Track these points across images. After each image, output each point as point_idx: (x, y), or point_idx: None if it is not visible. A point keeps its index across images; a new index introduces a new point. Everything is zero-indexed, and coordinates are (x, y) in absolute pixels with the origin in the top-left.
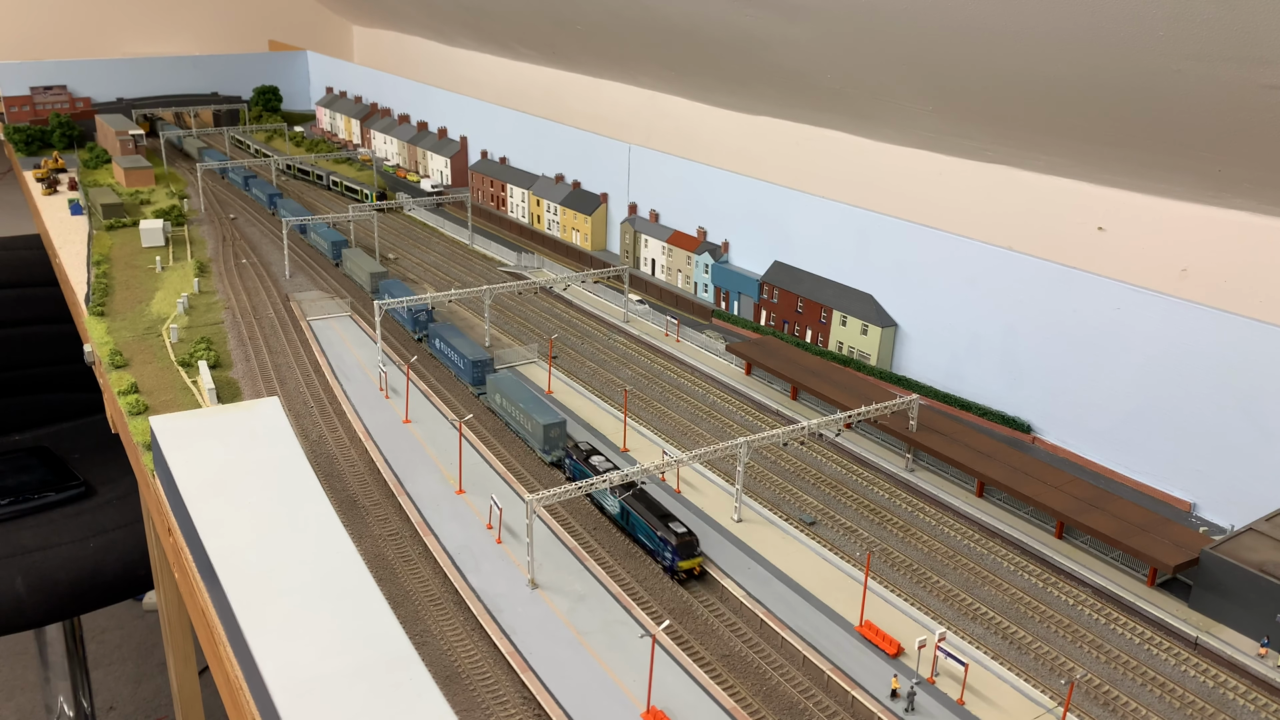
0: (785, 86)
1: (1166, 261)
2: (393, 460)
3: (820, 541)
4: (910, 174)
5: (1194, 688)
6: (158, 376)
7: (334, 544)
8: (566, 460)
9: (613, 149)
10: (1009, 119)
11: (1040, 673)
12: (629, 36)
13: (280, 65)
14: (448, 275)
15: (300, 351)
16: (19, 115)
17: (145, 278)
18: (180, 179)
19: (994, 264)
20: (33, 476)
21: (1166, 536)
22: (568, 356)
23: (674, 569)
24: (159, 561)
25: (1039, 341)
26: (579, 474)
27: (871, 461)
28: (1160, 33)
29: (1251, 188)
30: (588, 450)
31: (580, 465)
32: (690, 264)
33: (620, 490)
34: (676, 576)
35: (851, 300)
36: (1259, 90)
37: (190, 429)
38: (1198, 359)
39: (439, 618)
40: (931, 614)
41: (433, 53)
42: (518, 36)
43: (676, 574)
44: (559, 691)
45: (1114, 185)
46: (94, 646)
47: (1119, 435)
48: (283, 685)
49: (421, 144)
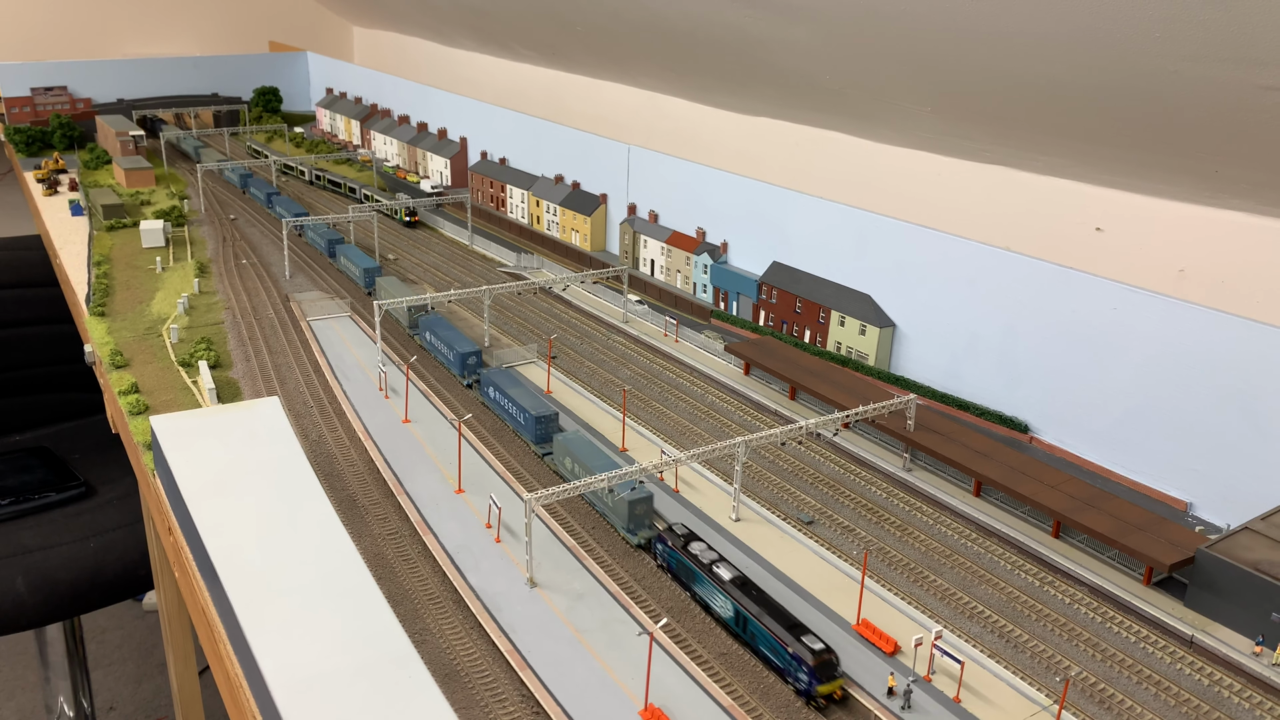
0: (784, 87)
1: (1164, 262)
2: (392, 460)
3: (818, 540)
4: (909, 174)
5: (1189, 686)
6: (158, 376)
7: (334, 543)
8: (658, 546)
9: (612, 150)
10: (1007, 120)
11: (1036, 671)
12: (629, 37)
13: (280, 66)
14: (448, 276)
15: (300, 351)
16: (20, 116)
17: (146, 278)
18: (180, 180)
19: (992, 264)
20: (33, 476)
21: (1163, 536)
22: (567, 356)
23: (810, 693)
24: (159, 561)
25: (1037, 342)
26: (677, 565)
27: (869, 461)
28: (1157, 34)
29: (1248, 188)
30: (685, 535)
31: (677, 555)
32: (689, 264)
33: (733, 587)
34: (813, 702)
35: (850, 300)
36: (1255, 91)
37: (191, 429)
38: (1195, 359)
39: (438, 616)
40: (928, 612)
41: (433, 54)
42: (518, 37)
43: (813, 699)
44: (558, 689)
45: (1112, 186)
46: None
47: (1116, 435)
48: (283, 683)
49: (421, 145)
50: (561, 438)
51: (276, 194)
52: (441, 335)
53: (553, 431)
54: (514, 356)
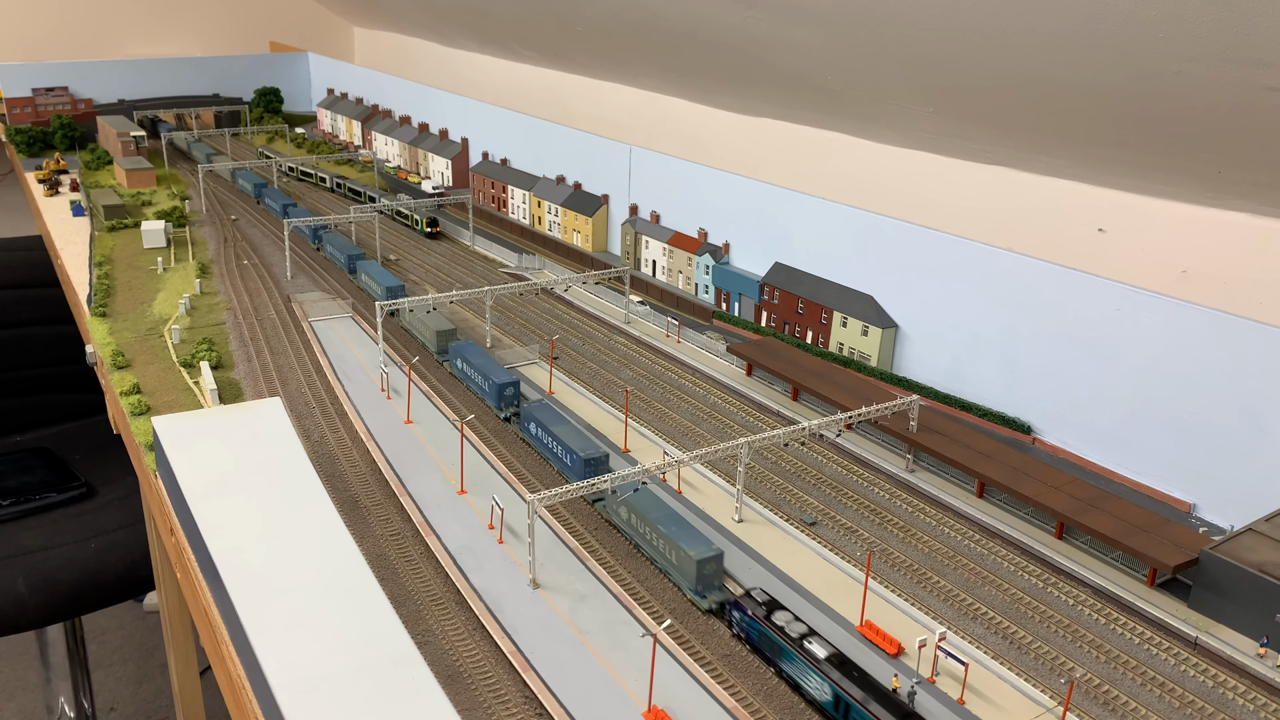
0: (786, 88)
1: (1166, 263)
2: (394, 460)
3: (821, 542)
4: (910, 175)
5: (1193, 687)
6: (159, 377)
7: (336, 544)
8: (734, 614)
9: (614, 150)
10: (1009, 120)
11: (1040, 672)
12: (630, 38)
13: (281, 67)
14: (449, 277)
15: (302, 352)
16: (21, 117)
17: (147, 279)
18: (181, 180)
19: (994, 265)
20: (34, 477)
21: (1166, 537)
22: (569, 357)
23: None
24: (160, 562)
25: (1039, 342)
26: (759, 638)
27: (872, 462)
28: (1160, 34)
29: (1251, 189)
30: (767, 602)
31: (759, 626)
32: (691, 265)
33: (831, 667)
34: None
35: (852, 301)
36: (1259, 92)
37: (192, 429)
38: (1198, 360)
39: (441, 617)
40: (932, 614)
41: (434, 54)
42: (518, 38)
43: None
44: (560, 691)
45: (1114, 186)
46: (95, 647)
47: (1119, 436)
48: (286, 684)
49: (422, 145)
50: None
51: (294, 205)
52: (474, 363)
53: (604, 474)
54: (516, 357)
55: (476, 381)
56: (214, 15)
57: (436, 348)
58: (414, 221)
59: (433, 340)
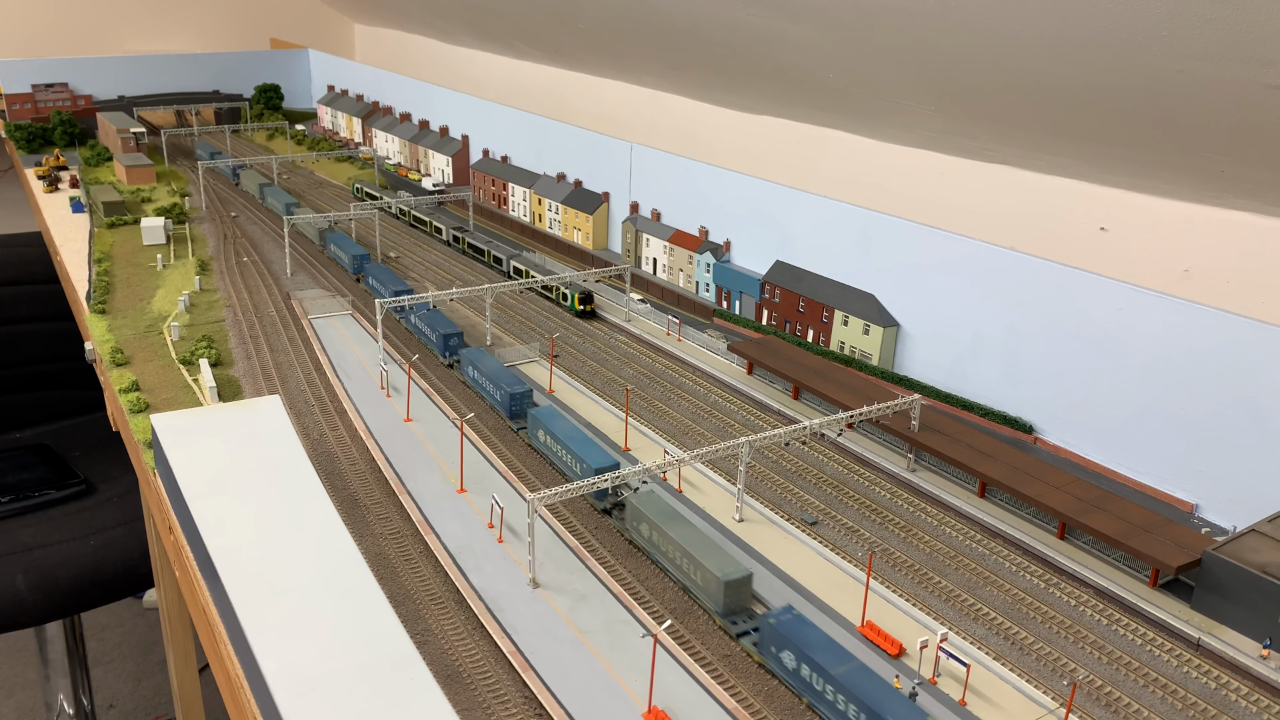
0: (787, 85)
1: (1169, 262)
2: (394, 459)
3: (822, 541)
4: (912, 173)
5: (1196, 689)
6: (159, 374)
7: (335, 543)
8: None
9: (614, 148)
10: (1011, 119)
11: (1042, 673)
12: (631, 35)
13: (282, 63)
14: (449, 274)
15: (301, 349)
16: (20, 113)
17: (146, 275)
18: (181, 177)
19: (996, 264)
20: (33, 474)
21: (1169, 538)
22: (569, 355)
23: None
24: (159, 559)
25: (1041, 342)
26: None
27: (873, 461)
28: (1163, 33)
29: (1255, 188)
30: None
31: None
32: (692, 263)
33: None
34: None
35: (853, 300)
36: (1263, 90)
37: (191, 427)
38: (1201, 360)
39: (440, 617)
40: (933, 614)
41: (434, 51)
42: (519, 35)
43: None
44: (560, 691)
45: (1117, 185)
46: (94, 644)
47: (1121, 436)
48: (284, 684)
49: (423, 142)
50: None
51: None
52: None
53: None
54: (516, 355)
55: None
56: (214, 11)
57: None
58: (559, 295)
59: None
